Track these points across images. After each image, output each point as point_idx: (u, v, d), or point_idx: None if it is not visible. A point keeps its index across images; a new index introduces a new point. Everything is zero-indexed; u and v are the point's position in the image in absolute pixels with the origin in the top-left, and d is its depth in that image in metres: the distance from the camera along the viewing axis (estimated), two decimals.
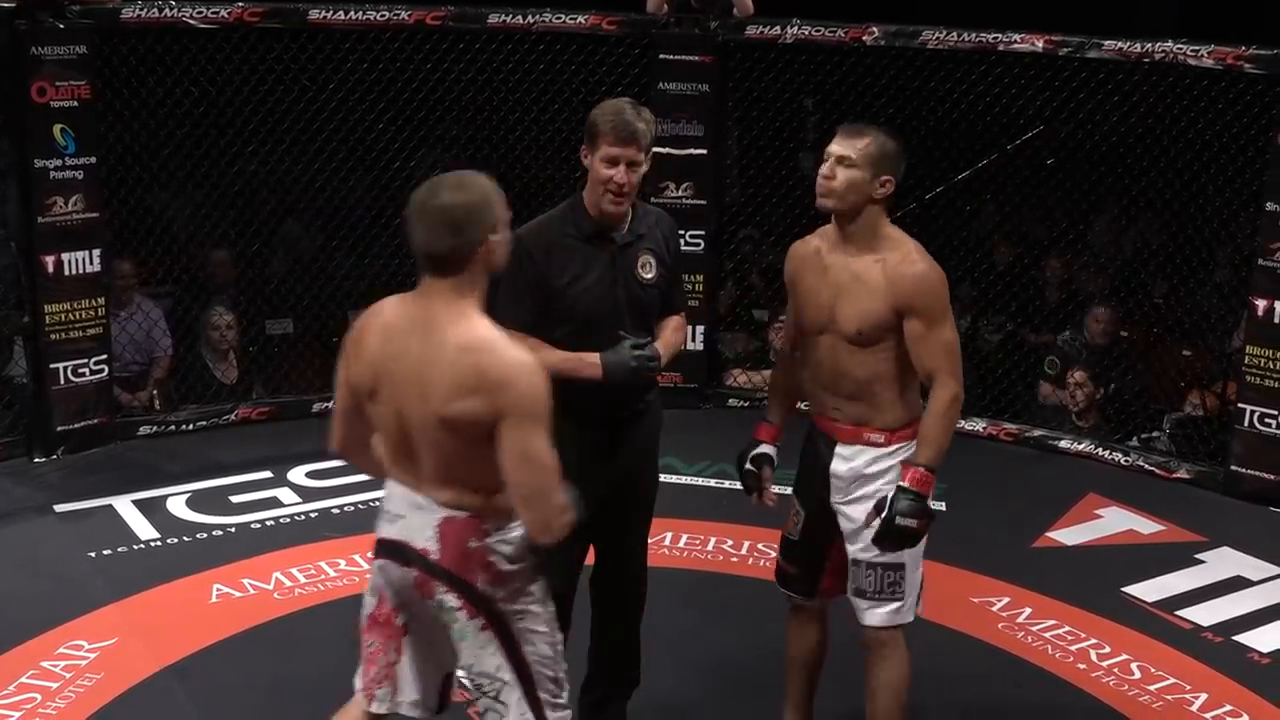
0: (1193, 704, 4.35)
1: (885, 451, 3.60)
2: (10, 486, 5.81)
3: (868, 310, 3.51)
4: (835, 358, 3.58)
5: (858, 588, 3.66)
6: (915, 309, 3.49)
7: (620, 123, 3.44)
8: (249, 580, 4.98)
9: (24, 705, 4.10)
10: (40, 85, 5.78)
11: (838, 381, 3.60)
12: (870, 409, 3.59)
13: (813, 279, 3.64)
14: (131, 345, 6.59)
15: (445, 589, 2.92)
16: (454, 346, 2.79)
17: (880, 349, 3.54)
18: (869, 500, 3.59)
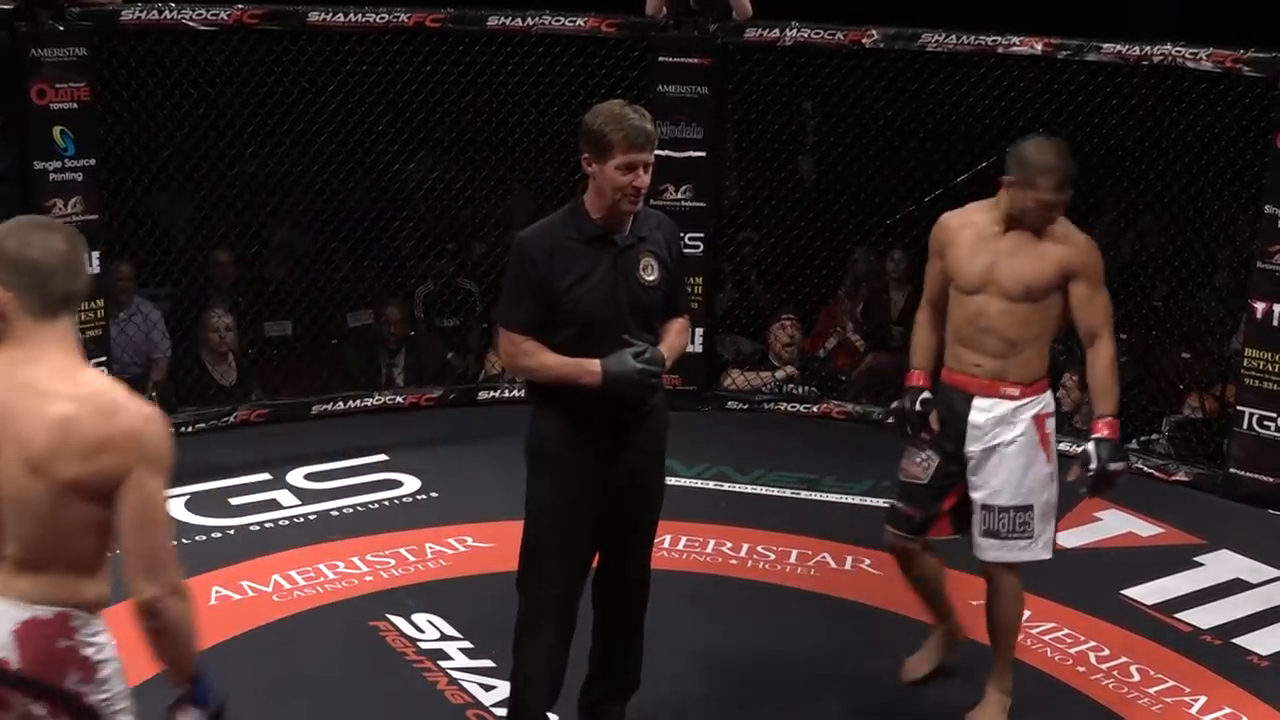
0: (1192, 707, 4.35)
1: (1020, 403, 4.02)
2: None
3: (1039, 271, 3.94)
4: (986, 317, 3.99)
5: (990, 529, 4.06)
6: (1082, 273, 3.96)
7: (633, 130, 3.42)
8: (248, 582, 4.97)
9: None
10: (40, 87, 5.78)
11: (983, 339, 4.01)
12: (1008, 365, 4.00)
13: (971, 245, 4.05)
14: (130, 347, 6.59)
15: (30, 699, 2.52)
16: (66, 399, 2.46)
17: (1034, 308, 3.97)
18: (1007, 445, 4.01)
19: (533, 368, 3.55)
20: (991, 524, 4.05)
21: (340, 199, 7.34)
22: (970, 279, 4.02)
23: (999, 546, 4.07)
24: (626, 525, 3.72)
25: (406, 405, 6.92)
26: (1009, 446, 4.03)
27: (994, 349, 4.01)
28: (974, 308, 4.01)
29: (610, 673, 3.90)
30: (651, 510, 3.79)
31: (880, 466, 6.22)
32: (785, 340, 7.23)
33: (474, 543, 5.33)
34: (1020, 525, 4.05)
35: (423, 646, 4.53)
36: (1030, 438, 4.03)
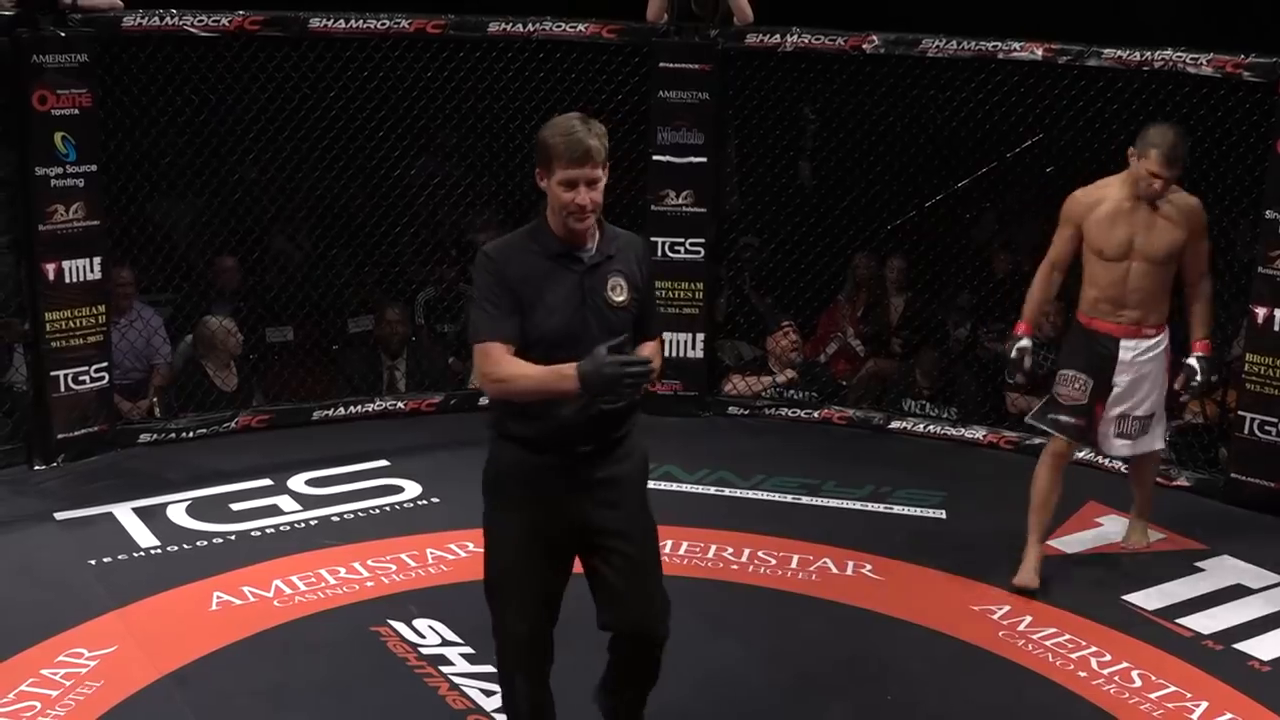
0: (1193, 712, 4.35)
1: (1155, 340, 5.13)
2: (10, 494, 5.82)
3: (1175, 240, 5.00)
4: (1133, 278, 5.04)
5: (1123, 433, 5.22)
6: (1196, 232, 5.05)
7: (572, 142, 3.25)
8: (249, 588, 4.97)
9: (24, 713, 4.10)
10: (41, 93, 5.80)
11: (1129, 296, 5.06)
12: (1145, 313, 5.08)
13: (1109, 218, 5.05)
14: (131, 353, 6.60)
15: None
16: None
17: (1168, 268, 5.05)
18: (1147, 374, 5.13)
19: (506, 381, 3.31)
20: (1126, 429, 5.20)
21: (341, 204, 7.35)
22: (1114, 248, 5.04)
23: (1129, 445, 5.25)
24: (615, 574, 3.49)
25: (408, 411, 6.93)
26: (1148, 374, 5.13)
27: (1137, 303, 5.06)
28: (1119, 272, 5.04)
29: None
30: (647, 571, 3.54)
31: (880, 472, 6.26)
32: (787, 346, 7.24)
33: (475, 548, 5.27)
34: (1145, 428, 5.22)
35: (424, 652, 4.53)
36: (1161, 364, 5.16)
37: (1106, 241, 5.04)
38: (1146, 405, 5.18)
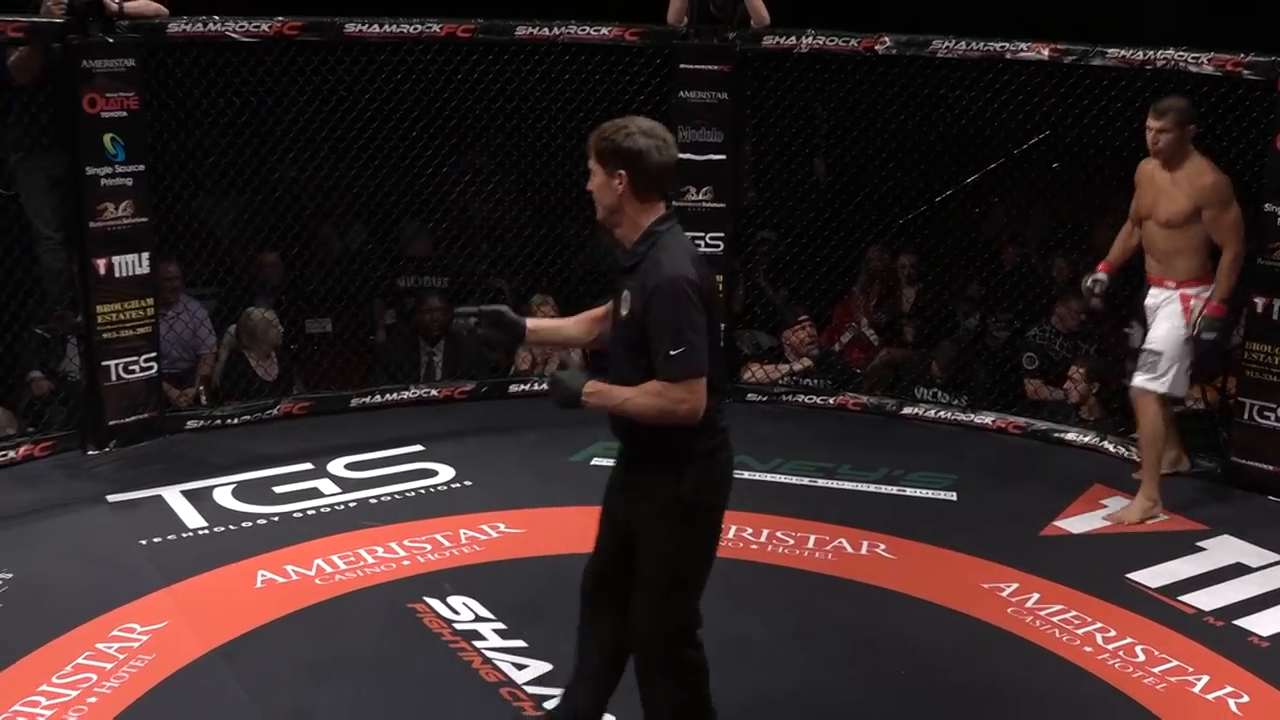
0: (1195, 686, 4.33)
1: (1171, 293, 5.55)
2: (65, 478, 5.85)
3: (1180, 208, 5.42)
4: (1150, 236, 5.58)
5: (1139, 365, 5.61)
6: (1207, 204, 5.39)
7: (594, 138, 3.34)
8: (292, 566, 5.00)
9: (80, 685, 4.13)
10: (91, 96, 5.82)
11: (1151, 251, 5.60)
12: (1167, 268, 5.55)
13: (1145, 184, 5.59)
14: (178, 343, 6.63)
15: None
16: None
17: (1177, 231, 5.45)
18: (1160, 316, 5.55)
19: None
20: (1141, 361, 5.59)
21: (377, 201, 7.37)
22: (1141, 209, 5.61)
23: (1140, 375, 5.57)
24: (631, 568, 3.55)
25: (441, 398, 6.95)
26: (1161, 315, 5.53)
27: (1159, 258, 5.57)
28: (1147, 230, 5.60)
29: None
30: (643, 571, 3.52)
31: (893, 456, 6.26)
32: (804, 338, 7.23)
33: (506, 529, 5.35)
34: (1152, 364, 5.53)
35: (458, 627, 4.55)
36: (1176, 309, 5.51)
37: (1138, 203, 5.63)
38: (1154, 343, 5.54)
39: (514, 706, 4.05)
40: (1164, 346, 5.49)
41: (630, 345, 3.33)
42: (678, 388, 3.25)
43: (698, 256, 3.41)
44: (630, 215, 3.34)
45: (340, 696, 4.13)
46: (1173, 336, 5.49)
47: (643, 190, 3.32)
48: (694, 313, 3.25)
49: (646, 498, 3.44)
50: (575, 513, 5.53)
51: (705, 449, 3.40)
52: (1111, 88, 6.26)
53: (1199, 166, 5.41)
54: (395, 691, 4.17)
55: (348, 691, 4.17)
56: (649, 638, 3.51)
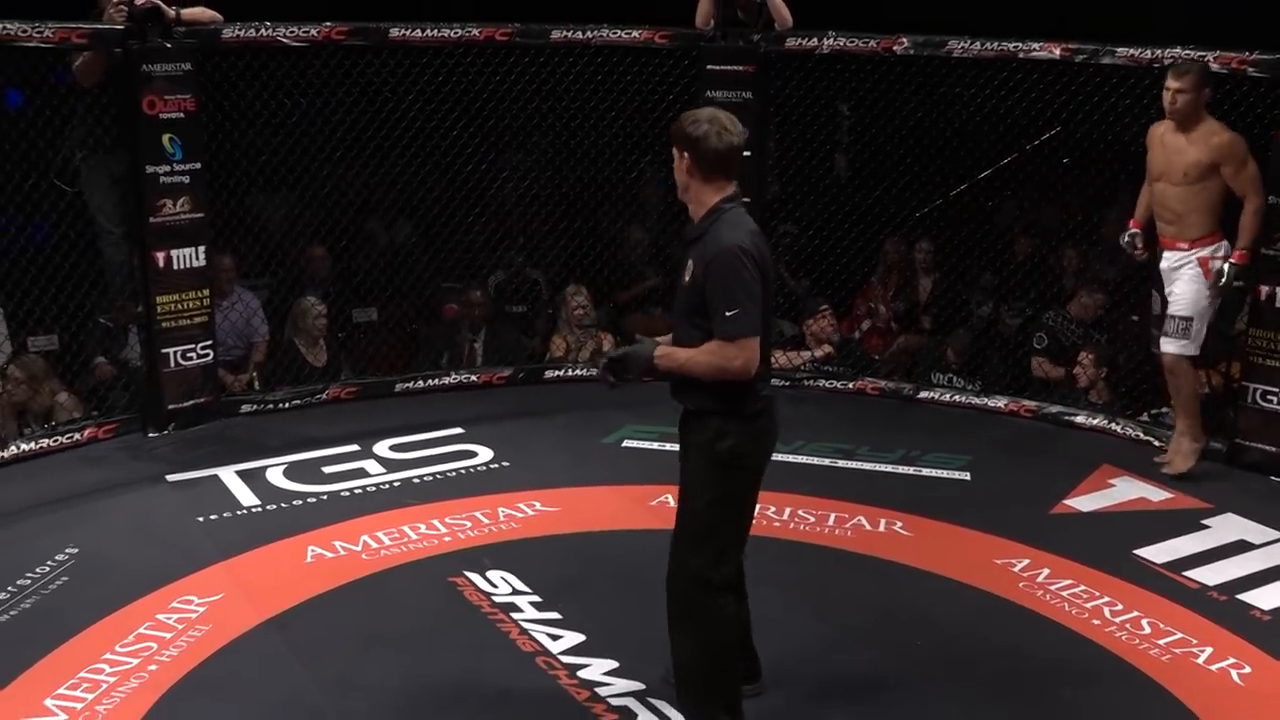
0: (1199, 657, 4.31)
1: (1186, 253, 5.56)
2: (127, 459, 5.90)
3: (1193, 162, 5.41)
4: (1163, 196, 5.55)
5: (1168, 331, 5.63)
6: (1225, 160, 5.41)
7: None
8: (340, 542, 5.02)
9: (142, 653, 4.17)
10: (150, 99, 5.85)
11: (1163, 212, 5.57)
12: (1180, 229, 5.54)
13: (1157, 146, 5.55)
14: (233, 332, 6.66)
15: None
16: None
17: (1192, 189, 5.43)
18: (1178, 279, 5.57)
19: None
20: (1171, 328, 5.60)
21: (419, 197, 7.39)
22: (1153, 170, 5.59)
23: (1170, 342, 5.61)
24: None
25: (480, 383, 6.96)
26: (1181, 279, 5.55)
27: (1171, 219, 5.54)
28: (1158, 191, 5.57)
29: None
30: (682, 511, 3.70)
31: (910, 438, 6.23)
32: (825, 327, 7.22)
33: (541, 507, 5.36)
34: (1182, 329, 5.57)
35: (496, 600, 4.56)
36: (1195, 272, 5.53)
37: (1150, 164, 5.61)
38: (1182, 306, 5.55)
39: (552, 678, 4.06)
40: (1192, 311, 5.53)
41: (691, 309, 3.52)
42: (732, 346, 3.43)
43: (756, 232, 3.58)
44: (696, 193, 3.56)
45: (385, 664, 4.16)
46: (1198, 299, 5.54)
47: (705, 171, 3.55)
48: (748, 278, 3.44)
49: (691, 454, 3.61)
50: (607, 492, 5.56)
51: (749, 411, 3.54)
52: (1120, 85, 6.19)
53: (1213, 126, 5.45)
54: (437, 660, 4.19)
55: (392, 660, 4.20)
56: (679, 585, 3.64)
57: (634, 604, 3.94)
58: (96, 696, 3.93)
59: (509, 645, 4.27)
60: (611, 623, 4.35)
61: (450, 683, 4.06)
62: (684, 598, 3.63)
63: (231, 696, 3.97)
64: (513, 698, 3.91)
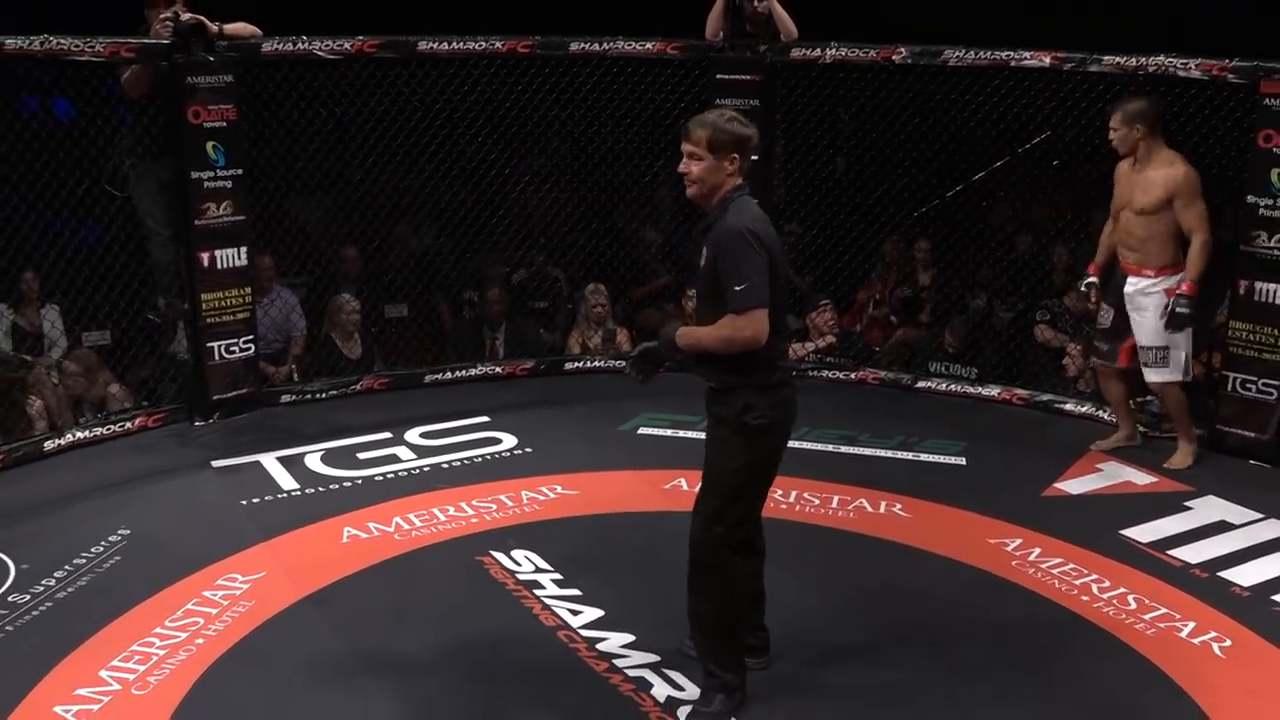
0: (1182, 631, 4.30)
1: (1152, 281, 5.50)
2: (175, 446, 5.93)
3: (1153, 198, 5.38)
4: (1128, 224, 5.50)
5: (1145, 361, 5.56)
6: (1178, 194, 5.35)
7: (688, 129, 3.57)
8: (373, 523, 5.04)
9: (190, 627, 4.20)
10: (195, 109, 5.87)
11: (1127, 240, 5.52)
12: (1143, 256, 5.48)
13: (1122, 180, 5.53)
14: (272, 327, 6.69)
15: None
16: None
17: (1153, 219, 5.39)
18: (1145, 307, 5.49)
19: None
20: (1148, 359, 5.55)
21: (446, 200, 7.39)
22: (1118, 201, 5.56)
23: (1152, 371, 5.55)
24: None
25: (505, 375, 6.97)
26: (1145, 307, 5.48)
27: (1135, 246, 5.49)
28: (1123, 220, 5.53)
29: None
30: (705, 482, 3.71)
31: (908, 425, 6.23)
32: (826, 320, 7.21)
33: (562, 490, 5.37)
34: (1160, 358, 5.51)
35: (520, 577, 4.58)
36: (1160, 300, 5.46)
37: (1116, 196, 5.58)
38: (1154, 337, 5.49)
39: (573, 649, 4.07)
40: (1165, 340, 5.48)
41: (709, 290, 3.57)
42: (741, 318, 3.46)
43: (762, 216, 3.61)
44: (719, 189, 3.58)
45: (417, 637, 4.17)
46: (1161, 329, 5.48)
47: (746, 167, 3.61)
48: (753, 255, 3.46)
49: (716, 425, 3.65)
50: (624, 476, 5.56)
51: (766, 383, 3.59)
52: (1107, 91, 6.15)
53: (1169, 158, 5.41)
54: (465, 633, 4.21)
55: (424, 633, 4.21)
56: (701, 547, 3.67)
57: (649, 581, 3.95)
58: (148, 668, 3.96)
59: (532, 620, 4.28)
60: (628, 599, 4.36)
61: (477, 654, 4.07)
62: (706, 558, 3.67)
63: (273, 667, 3.99)
64: (536, 669, 3.92)
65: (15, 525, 4.96)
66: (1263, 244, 5.67)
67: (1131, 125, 5.38)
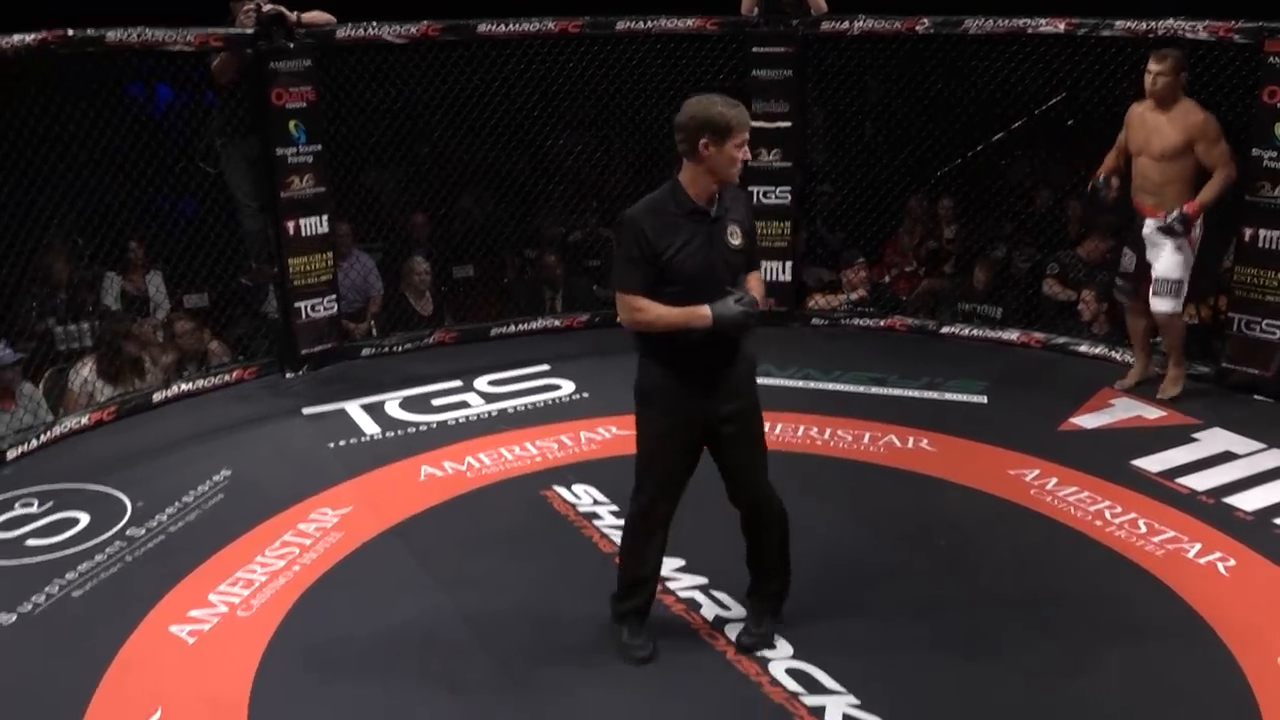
0: (1189, 552, 4.27)
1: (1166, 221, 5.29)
2: (269, 396, 6.01)
3: (1172, 142, 5.22)
4: (1145, 169, 5.32)
5: (1156, 292, 5.43)
6: (1199, 138, 5.19)
7: (744, 114, 3.31)
8: (448, 462, 5.09)
9: (286, 556, 4.29)
10: (278, 91, 5.90)
11: (1145, 184, 5.35)
12: (1161, 200, 5.31)
13: (1138, 123, 5.35)
14: (352, 288, 6.73)
15: None
16: None
17: (1171, 164, 5.24)
18: (1162, 243, 5.35)
19: (650, 320, 3.34)
20: (1161, 289, 5.41)
21: (506, 170, 7.40)
22: (1134, 146, 5.36)
23: (1162, 302, 5.42)
24: (741, 459, 3.56)
25: (563, 328, 6.99)
26: (1161, 244, 5.35)
27: (1152, 189, 5.32)
28: (1139, 164, 5.34)
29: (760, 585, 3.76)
30: (758, 443, 3.58)
31: (934, 367, 6.19)
32: (861, 276, 7.16)
33: (617, 431, 5.39)
34: (1173, 289, 5.40)
35: (580, 510, 4.62)
36: (1178, 241, 5.29)
37: (1131, 141, 5.38)
38: (1170, 269, 5.35)
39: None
40: (1179, 272, 5.35)
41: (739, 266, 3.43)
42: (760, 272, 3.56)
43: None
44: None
45: (489, 564, 4.24)
46: (1184, 262, 5.35)
47: None
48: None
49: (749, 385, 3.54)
50: None
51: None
52: (1119, 54, 6.03)
53: (1189, 106, 5.25)
54: (531, 560, 4.27)
55: (495, 560, 4.27)
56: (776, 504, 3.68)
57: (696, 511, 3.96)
58: (251, 592, 4.05)
59: (591, 547, 4.33)
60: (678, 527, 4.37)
61: (542, 579, 4.13)
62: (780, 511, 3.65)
63: (362, 591, 4.08)
64: (595, 591, 3.95)
65: (130, 468, 5.07)
66: (1266, 194, 5.54)
67: (1178, 72, 5.20)
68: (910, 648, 3.70)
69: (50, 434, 5.36)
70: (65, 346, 6.01)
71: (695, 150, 3.31)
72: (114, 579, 4.17)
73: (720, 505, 3.71)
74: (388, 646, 3.74)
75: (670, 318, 3.33)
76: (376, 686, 3.55)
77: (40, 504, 4.74)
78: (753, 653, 3.66)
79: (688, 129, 3.30)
